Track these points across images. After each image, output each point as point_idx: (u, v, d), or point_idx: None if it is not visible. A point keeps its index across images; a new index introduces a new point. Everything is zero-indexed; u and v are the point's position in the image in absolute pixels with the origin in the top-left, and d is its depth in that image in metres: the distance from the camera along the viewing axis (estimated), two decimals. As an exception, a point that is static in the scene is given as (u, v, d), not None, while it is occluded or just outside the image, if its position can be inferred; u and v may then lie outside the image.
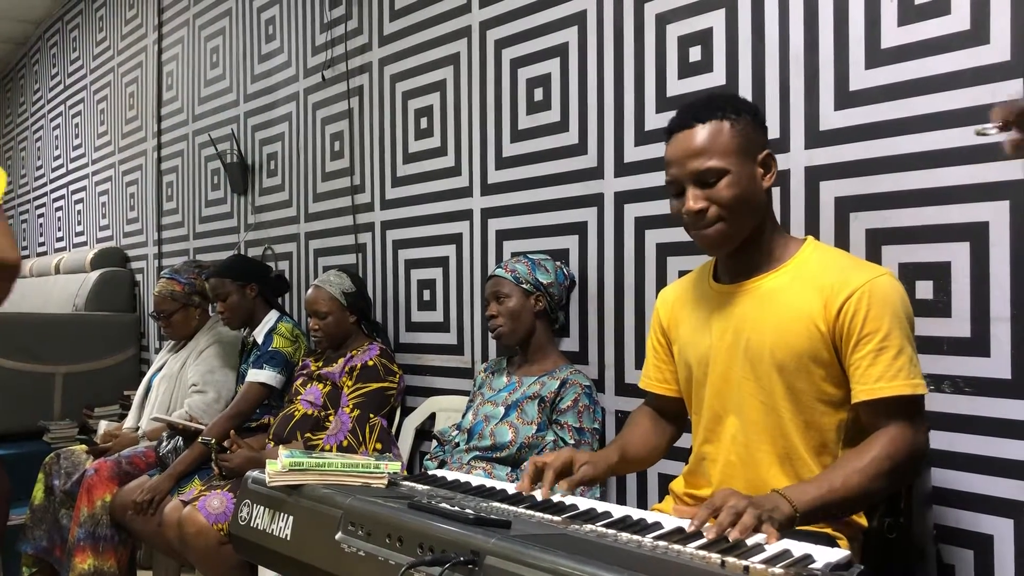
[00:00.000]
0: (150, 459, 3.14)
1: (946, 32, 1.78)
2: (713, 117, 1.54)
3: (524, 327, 2.40)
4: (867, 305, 1.46)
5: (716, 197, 1.53)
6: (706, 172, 1.53)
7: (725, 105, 1.56)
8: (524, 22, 2.71)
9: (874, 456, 1.41)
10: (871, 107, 1.89)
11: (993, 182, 1.71)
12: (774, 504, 1.32)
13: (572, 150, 2.56)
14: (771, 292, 1.57)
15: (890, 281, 1.50)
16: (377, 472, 1.64)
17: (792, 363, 1.51)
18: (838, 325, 1.48)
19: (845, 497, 1.38)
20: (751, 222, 1.57)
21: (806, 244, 1.61)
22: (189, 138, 4.63)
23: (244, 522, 1.69)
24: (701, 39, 2.23)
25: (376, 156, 3.33)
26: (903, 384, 1.44)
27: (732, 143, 1.53)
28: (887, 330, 1.45)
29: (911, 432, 1.44)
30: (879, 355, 1.45)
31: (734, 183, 1.53)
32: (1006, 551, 1.71)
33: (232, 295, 3.21)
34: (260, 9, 4.04)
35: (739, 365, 1.58)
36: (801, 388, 1.52)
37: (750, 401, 1.57)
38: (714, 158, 1.52)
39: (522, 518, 1.37)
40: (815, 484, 1.40)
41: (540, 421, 2.27)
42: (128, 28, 5.38)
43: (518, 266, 2.42)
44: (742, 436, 1.58)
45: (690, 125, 1.55)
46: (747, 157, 1.55)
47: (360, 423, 2.70)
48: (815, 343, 1.50)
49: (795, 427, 1.53)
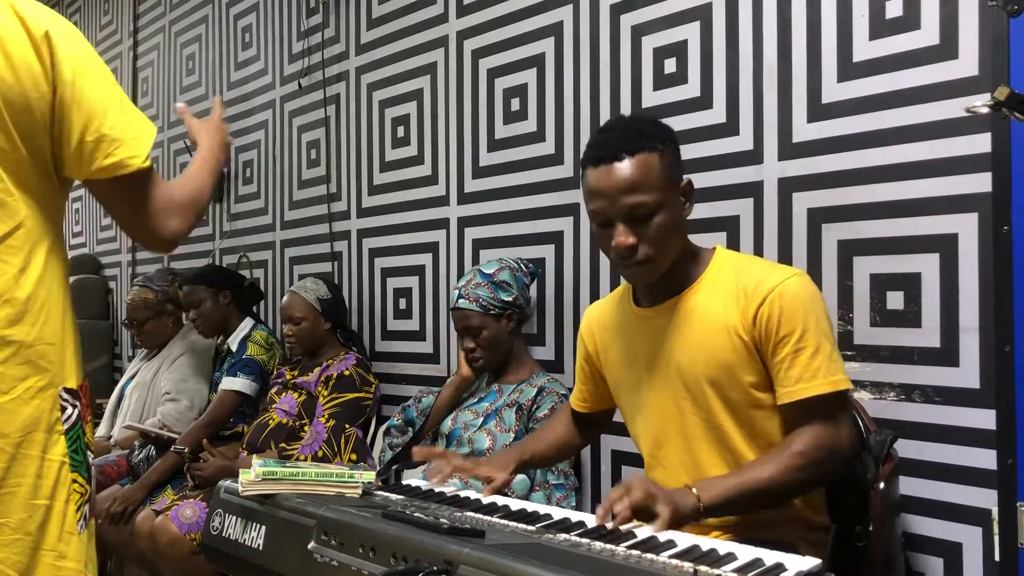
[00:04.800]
0: (122, 468, 3.11)
1: (916, 47, 1.81)
2: (642, 149, 1.49)
3: (504, 351, 2.40)
4: (779, 308, 1.48)
5: (646, 234, 1.50)
6: (638, 207, 1.49)
7: (652, 134, 1.52)
8: (501, 32, 2.72)
9: (787, 453, 1.44)
10: (843, 119, 1.92)
11: (962, 194, 1.74)
12: (679, 497, 1.37)
13: (548, 160, 2.57)
14: (691, 309, 1.57)
15: (801, 281, 1.51)
16: (351, 481, 1.63)
17: (723, 376, 1.53)
18: (756, 331, 1.50)
19: (754, 491, 1.42)
20: (676, 253, 1.57)
21: (716, 254, 1.62)
22: (164, 145, 4.60)
23: (216, 532, 1.68)
24: (676, 51, 2.25)
25: (352, 164, 3.33)
26: (821, 383, 1.46)
27: (661, 176, 1.50)
28: (801, 330, 1.47)
29: (830, 429, 1.46)
30: (796, 356, 1.47)
31: (665, 219, 1.51)
32: (974, 559, 1.73)
33: (205, 302, 3.19)
34: (237, 16, 4.03)
35: (673, 387, 1.58)
36: (736, 399, 1.53)
37: (691, 419, 1.57)
38: (646, 193, 1.48)
39: (496, 527, 1.37)
40: (725, 479, 1.45)
41: (518, 429, 2.27)
42: (103, 34, 5.34)
43: (480, 292, 2.36)
44: (688, 456, 1.59)
45: (618, 158, 1.49)
46: (673, 188, 1.53)
47: (335, 433, 2.69)
48: (740, 353, 1.51)
49: (740, 437, 1.54)
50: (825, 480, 1.52)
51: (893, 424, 1.78)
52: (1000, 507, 1.67)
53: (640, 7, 2.33)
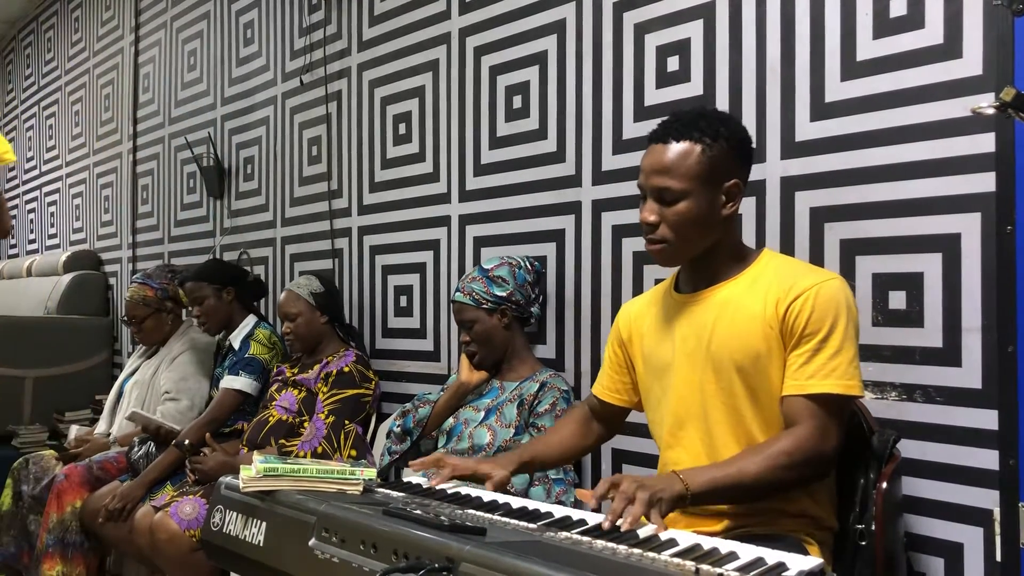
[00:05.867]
0: (121, 464, 3.10)
1: (920, 46, 1.80)
2: (688, 137, 1.56)
3: (498, 347, 2.40)
4: (811, 306, 1.50)
5: (667, 216, 1.57)
6: (664, 191, 1.56)
7: (706, 127, 1.57)
8: (503, 29, 2.72)
9: (774, 449, 1.46)
10: (846, 119, 1.91)
11: (965, 194, 1.73)
12: (666, 484, 1.39)
13: (550, 158, 2.56)
14: (729, 299, 1.60)
15: (838, 285, 1.54)
16: (352, 479, 1.63)
17: (750, 365, 1.55)
18: (784, 325, 1.53)
19: (739, 483, 1.44)
20: (700, 244, 1.60)
21: (763, 254, 1.65)
22: (165, 141, 4.60)
23: (216, 528, 1.68)
24: (679, 49, 2.25)
25: (354, 161, 3.32)
26: (835, 383, 1.48)
27: (696, 168, 1.55)
28: (828, 330, 1.49)
29: (821, 431, 1.47)
30: (816, 354, 1.49)
31: (688, 207, 1.56)
32: (976, 560, 1.72)
33: (209, 299, 3.17)
34: (239, 12, 4.03)
35: (701, 369, 1.61)
36: (760, 388, 1.56)
37: (713, 403, 1.60)
38: (675, 179, 1.55)
39: (497, 525, 1.37)
40: (712, 468, 1.48)
41: (518, 424, 2.27)
42: (104, 29, 5.33)
43: (474, 285, 2.39)
44: (707, 438, 1.61)
45: (665, 140, 1.57)
46: (709, 184, 1.57)
47: (335, 429, 2.69)
48: (770, 344, 1.54)
49: (757, 425, 1.56)
50: (804, 482, 1.52)
51: (895, 424, 1.78)
52: (1002, 507, 1.67)
53: (643, 5, 2.32)
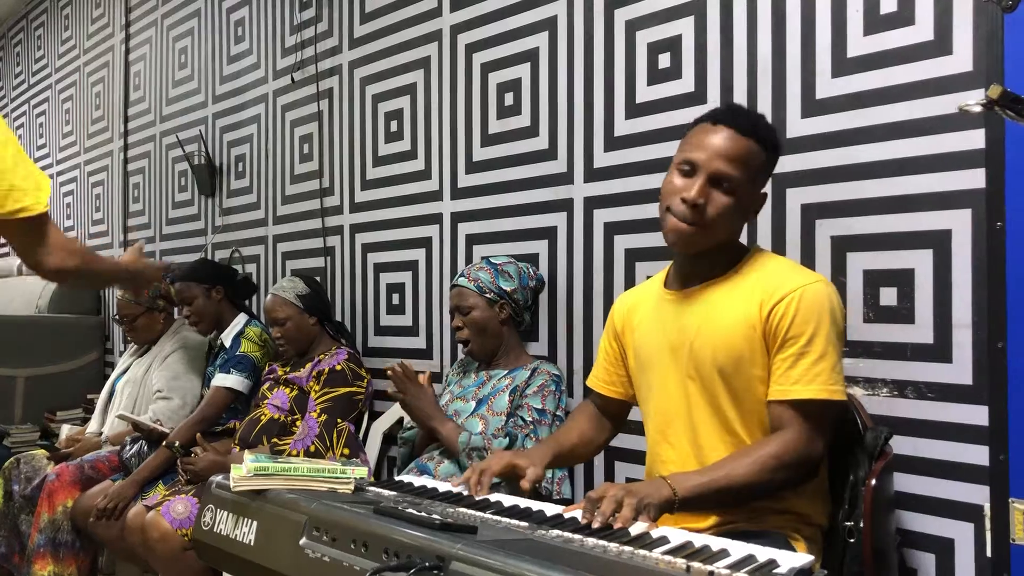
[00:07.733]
0: (113, 463, 3.10)
1: (910, 42, 1.81)
2: (754, 136, 1.57)
3: (492, 339, 2.37)
4: (795, 309, 1.50)
5: (715, 202, 1.55)
6: (726, 177, 1.55)
7: (765, 134, 1.59)
8: (495, 27, 2.71)
9: (763, 453, 1.46)
10: (837, 115, 1.91)
11: (956, 191, 1.73)
12: (653, 489, 1.40)
13: (542, 155, 2.56)
14: (714, 299, 1.60)
15: (823, 288, 1.53)
16: (343, 477, 1.62)
17: (732, 367, 1.55)
18: (767, 327, 1.52)
19: (728, 487, 1.44)
20: (721, 239, 1.60)
21: (752, 253, 1.65)
22: (156, 139, 4.58)
23: (207, 527, 1.67)
24: (670, 46, 2.24)
25: (345, 159, 3.32)
26: (819, 388, 1.48)
27: (755, 168, 1.58)
28: (811, 334, 1.49)
29: (807, 439, 1.48)
30: (800, 359, 1.49)
31: (737, 202, 1.56)
32: (967, 555, 1.73)
33: (198, 298, 3.17)
34: (229, 10, 4.01)
35: (684, 368, 1.61)
36: (742, 389, 1.55)
37: (697, 402, 1.60)
38: (737, 170, 1.55)
39: (488, 523, 1.36)
40: (700, 473, 1.48)
41: (509, 411, 2.25)
42: (95, 27, 5.31)
43: (481, 274, 2.37)
44: (693, 436, 1.61)
45: (736, 127, 1.56)
46: (755, 187, 1.60)
47: (327, 428, 2.68)
48: (752, 345, 1.54)
49: (743, 426, 1.56)
50: (791, 485, 1.53)
51: (886, 420, 1.79)
52: (992, 503, 1.67)
53: (634, 2, 2.32)
